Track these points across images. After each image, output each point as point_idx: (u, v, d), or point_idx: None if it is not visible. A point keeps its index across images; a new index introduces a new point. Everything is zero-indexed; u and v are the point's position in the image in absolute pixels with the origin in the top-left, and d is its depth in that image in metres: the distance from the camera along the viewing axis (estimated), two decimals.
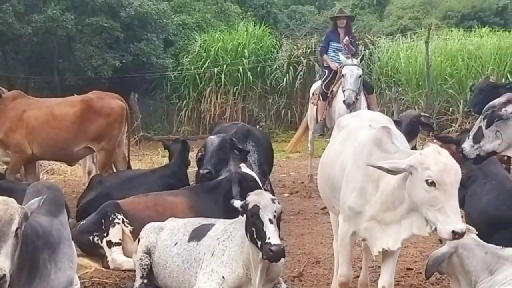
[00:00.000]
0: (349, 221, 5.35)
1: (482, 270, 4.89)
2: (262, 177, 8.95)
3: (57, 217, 5.00)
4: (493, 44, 22.31)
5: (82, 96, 10.26)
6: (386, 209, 5.02)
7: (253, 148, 9.11)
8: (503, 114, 6.20)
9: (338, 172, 5.58)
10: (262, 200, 5.38)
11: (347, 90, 11.54)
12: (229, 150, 8.51)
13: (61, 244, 4.92)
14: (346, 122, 6.35)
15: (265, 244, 5.17)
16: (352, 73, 11.62)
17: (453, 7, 37.55)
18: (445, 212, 4.55)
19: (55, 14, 22.54)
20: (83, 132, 9.73)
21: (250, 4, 33.62)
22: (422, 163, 4.64)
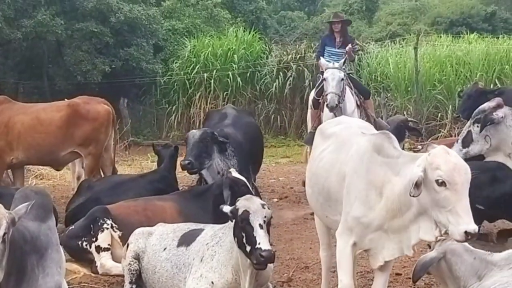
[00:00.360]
0: (351, 232, 5.24)
1: (471, 276, 4.88)
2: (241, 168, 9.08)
3: (45, 222, 4.97)
4: (482, 50, 22.38)
5: (68, 101, 10.27)
6: (393, 216, 4.95)
7: (232, 152, 9.31)
8: (495, 118, 6.25)
9: (336, 183, 5.51)
10: (252, 205, 5.36)
11: (329, 94, 11.06)
12: (211, 143, 8.77)
13: (49, 249, 4.89)
14: (331, 130, 6.27)
15: (255, 249, 5.14)
16: (333, 76, 11.16)
17: (442, 13, 37.70)
18: (456, 213, 4.52)
19: (45, 19, 22.49)
20: (70, 136, 9.71)
21: (239, 9, 33.65)
22: (432, 163, 4.60)
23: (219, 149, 9.02)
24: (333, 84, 11.04)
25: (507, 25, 35.93)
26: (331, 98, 10.90)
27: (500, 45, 23.20)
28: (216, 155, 8.99)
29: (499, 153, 6.23)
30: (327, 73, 11.24)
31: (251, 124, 11.01)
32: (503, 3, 42.54)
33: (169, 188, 8.92)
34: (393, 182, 4.90)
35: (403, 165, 4.92)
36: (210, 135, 8.89)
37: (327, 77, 11.17)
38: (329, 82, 11.12)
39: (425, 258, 5.02)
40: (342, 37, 12.69)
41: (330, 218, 5.76)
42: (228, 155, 9.17)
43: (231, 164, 9.01)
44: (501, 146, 6.35)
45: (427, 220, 4.77)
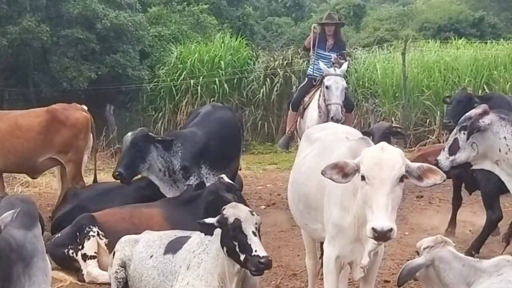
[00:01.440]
0: (333, 242, 5.15)
1: (460, 283, 4.89)
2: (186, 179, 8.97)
3: (31, 230, 4.95)
4: (470, 55, 22.48)
5: (47, 108, 10.23)
6: (364, 223, 4.73)
7: (179, 149, 9.05)
8: (481, 125, 6.25)
9: (315, 190, 5.45)
10: (242, 213, 5.33)
11: (333, 104, 10.20)
12: (146, 144, 8.61)
13: (35, 257, 4.88)
14: (317, 134, 6.21)
15: (252, 257, 5.10)
16: (337, 85, 10.35)
17: (430, 18, 37.87)
18: (371, 209, 4.41)
19: (30, 26, 22.45)
20: (49, 142, 9.72)
21: (226, 15, 33.71)
22: (362, 157, 4.57)
23: (160, 147, 8.82)
24: (337, 93, 10.32)
25: (495, 30, 36.12)
26: (336, 110, 10.15)
27: (488, 51, 23.30)
28: (154, 155, 8.76)
29: (486, 161, 6.22)
30: (329, 81, 10.44)
31: (221, 119, 10.16)
32: (491, 8, 42.77)
33: (156, 195, 8.91)
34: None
35: None
36: (143, 137, 8.68)
37: (330, 86, 10.38)
38: (332, 91, 10.36)
39: (412, 263, 5.03)
40: (333, 40, 12.00)
41: (310, 227, 5.72)
42: (174, 152, 8.95)
43: (174, 161, 8.88)
44: (488, 153, 6.34)
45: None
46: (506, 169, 6.37)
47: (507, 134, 6.27)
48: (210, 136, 9.44)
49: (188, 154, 9.02)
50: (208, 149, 9.32)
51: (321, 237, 5.58)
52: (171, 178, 8.95)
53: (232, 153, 9.88)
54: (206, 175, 9.20)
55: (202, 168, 9.22)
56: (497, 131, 6.31)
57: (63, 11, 23.88)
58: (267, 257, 5.14)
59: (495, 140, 6.32)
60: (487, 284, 4.70)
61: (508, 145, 6.27)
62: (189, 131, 10.02)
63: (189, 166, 8.99)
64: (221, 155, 9.45)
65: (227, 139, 9.66)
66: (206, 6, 31.35)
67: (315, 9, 46.90)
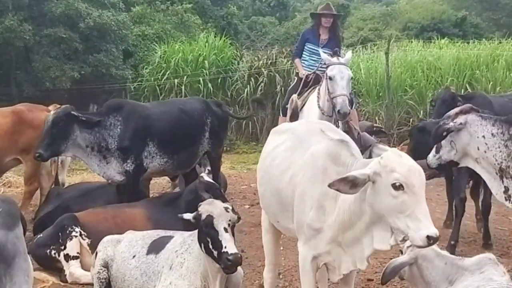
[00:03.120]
0: (309, 244, 5.01)
1: (442, 281, 4.90)
2: (122, 154, 8.74)
3: (12, 231, 4.91)
4: (452, 55, 22.55)
5: (12, 108, 10.14)
6: (345, 229, 4.72)
7: (118, 122, 8.79)
8: (451, 126, 6.32)
9: (288, 186, 5.25)
10: (215, 209, 5.31)
11: (339, 96, 8.91)
12: (69, 123, 8.40)
13: (16, 258, 4.83)
14: (287, 126, 6.06)
15: (221, 253, 5.09)
16: (342, 75, 9.06)
17: (413, 18, 38.09)
18: (416, 217, 4.25)
19: (13, 25, 22.38)
20: (14, 143, 9.62)
21: (210, 15, 33.72)
22: (386, 166, 4.34)
23: (87, 125, 8.54)
24: (342, 83, 9.01)
25: (477, 30, 36.39)
26: (343, 102, 8.89)
27: (470, 50, 23.39)
28: (78, 133, 8.51)
29: (468, 159, 6.27)
30: (333, 70, 9.11)
31: (184, 106, 9.73)
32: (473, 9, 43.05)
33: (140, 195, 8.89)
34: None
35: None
36: (65, 117, 8.46)
37: (334, 76, 9.05)
38: (337, 81, 9.03)
39: (396, 261, 5.03)
40: (329, 34, 10.66)
41: (281, 224, 5.56)
42: (110, 125, 8.70)
43: (108, 137, 8.68)
44: (468, 151, 6.40)
45: (380, 229, 4.53)
46: (486, 167, 6.44)
47: (486, 133, 6.34)
48: (162, 116, 9.18)
49: (129, 131, 8.77)
50: (156, 127, 9.03)
51: (295, 236, 5.43)
52: (101, 154, 8.73)
53: (186, 141, 9.38)
54: (153, 154, 8.97)
55: (149, 145, 8.95)
56: (475, 130, 6.38)
57: (46, 10, 23.81)
58: (236, 254, 5.10)
59: (472, 139, 6.39)
60: (469, 282, 4.70)
61: (487, 143, 6.34)
62: (139, 104, 9.92)
63: (128, 146, 8.76)
64: (172, 139, 9.12)
65: (183, 126, 9.31)
66: (190, 5, 31.36)
67: (299, 8, 47.11)
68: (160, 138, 9.01)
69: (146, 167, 8.91)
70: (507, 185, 6.38)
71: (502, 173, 6.35)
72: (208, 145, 9.59)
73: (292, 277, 7.31)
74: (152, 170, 9.02)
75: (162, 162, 9.02)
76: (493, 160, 6.35)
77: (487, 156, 6.35)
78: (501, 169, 6.34)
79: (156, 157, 8.98)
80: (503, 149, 6.32)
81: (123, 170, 8.74)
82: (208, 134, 9.58)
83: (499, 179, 6.40)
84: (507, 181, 6.36)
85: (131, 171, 8.74)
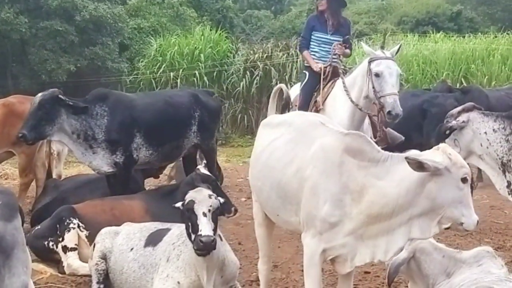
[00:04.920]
0: (320, 237, 4.91)
1: (440, 273, 4.91)
2: (110, 145, 8.64)
3: (10, 222, 4.90)
4: (448, 49, 22.61)
5: (3, 100, 10.10)
6: (376, 221, 4.70)
7: (105, 112, 8.67)
8: (453, 124, 6.35)
9: (293, 179, 5.14)
10: (199, 195, 5.30)
11: (389, 96, 7.94)
12: (54, 107, 8.29)
13: (15, 249, 4.83)
14: (279, 119, 5.91)
15: (197, 236, 5.10)
16: (391, 71, 8.07)
17: (408, 12, 38.07)
18: (468, 205, 4.55)
19: (9, 18, 22.37)
20: (6, 135, 9.59)
21: (206, 8, 33.69)
22: (456, 162, 4.53)
23: (74, 111, 8.42)
24: (392, 81, 8.04)
25: (472, 25, 36.40)
26: (394, 103, 7.91)
27: (466, 44, 23.46)
28: (64, 117, 8.37)
29: (472, 156, 6.29)
30: (379, 66, 8.15)
31: (172, 98, 9.60)
32: (469, 3, 43.01)
33: (136, 187, 8.88)
34: (379, 186, 4.67)
35: (393, 167, 4.71)
36: (52, 99, 8.33)
37: (382, 72, 8.07)
38: (385, 78, 8.05)
39: (398, 259, 5.02)
40: (336, 20, 9.49)
41: (282, 218, 5.46)
42: (97, 115, 8.57)
43: (94, 127, 8.56)
44: (472, 148, 6.44)
45: (426, 219, 4.61)
46: (490, 163, 6.49)
47: (488, 129, 6.41)
48: (147, 108, 9.08)
49: (116, 123, 8.68)
50: (142, 118, 8.94)
51: (295, 229, 5.39)
52: (87, 143, 8.61)
53: (171, 134, 9.25)
54: (140, 146, 8.90)
55: (137, 136, 8.87)
56: (478, 127, 6.43)
57: (42, 3, 23.79)
58: (208, 236, 5.06)
59: (475, 136, 6.44)
60: (467, 274, 4.71)
61: (489, 139, 6.40)
62: (124, 94, 9.84)
63: (116, 139, 8.67)
64: (157, 131, 9.02)
65: (167, 118, 9.17)
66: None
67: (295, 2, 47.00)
68: (145, 130, 8.93)
69: (136, 158, 8.87)
70: (510, 179, 6.42)
71: (504, 168, 6.41)
72: (196, 138, 9.48)
73: (289, 269, 7.33)
74: (139, 162, 8.99)
75: (147, 154, 8.97)
76: (495, 155, 6.41)
77: (490, 152, 6.42)
78: (503, 163, 6.39)
79: (142, 148, 8.94)
80: (504, 144, 6.37)
81: (113, 162, 8.68)
82: (196, 127, 9.45)
83: (502, 173, 6.46)
84: (509, 175, 6.42)
85: (121, 163, 8.70)
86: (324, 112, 8.71)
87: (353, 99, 8.56)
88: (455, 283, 4.73)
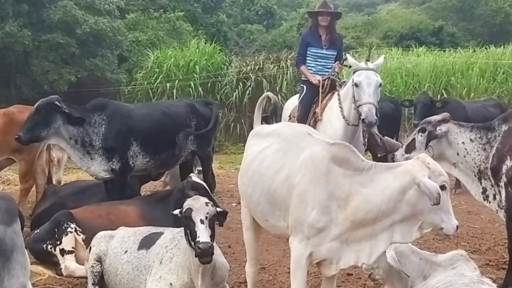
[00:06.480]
0: (307, 241, 4.93)
1: (417, 276, 4.93)
2: (107, 152, 8.63)
3: (10, 226, 4.90)
4: (429, 62, 22.70)
5: (4, 110, 10.12)
6: (360, 226, 4.73)
7: (103, 121, 8.67)
8: (438, 133, 6.40)
9: (282, 186, 5.15)
10: (196, 203, 5.35)
11: (365, 105, 7.91)
12: (50, 113, 8.32)
13: (14, 252, 4.83)
14: (268, 129, 5.91)
15: (195, 242, 5.14)
16: (370, 81, 8.01)
17: (393, 27, 38.24)
18: (448, 211, 4.59)
19: (13, 30, 22.38)
20: (6, 143, 9.58)
21: (201, 22, 33.76)
22: (434, 171, 4.58)
23: (68, 118, 8.38)
24: (369, 91, 7.99)
25: (453, 39, 36.56)
26: (368, 111, 7.89)
27: (446, 58, 23.56)
28: (60, 123, 8.39)
29: (443, 162, 6.29)
30: (360, 76, 8.11)
31: (168, 109, 9.57)
32: (450, 19, 43.27)
33: (132, 193, 8.89)
34: (363, 193, 4.71)
35: (376, 176, 4.75)
36: (48, 106, 8.36)
37: (361, 82, 8.04)
38: (363, 88, 8.02)
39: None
40: (329, 35, 9.49)
41: (270, 223, 5.44)
42: (95, 123, 8.59)
43: (92, 134, 8.57)
44: (445, 156, 6.47)
45: (408, 224, 4.66)
46: (465, 170, 6.52)
47: (465, 139, 6.46)
48: (145, 118, 9.08)
49: (113, 131, 8.69)
50: (139, 128, 8.94)
51: (283, 234, 5.40)
52: (84, 149, 8.62)
53: (167, 143, 9.18)
54: (137, 154, 8.91)
55: (133, 145, 8.88)
56: (455, 137, 6.49)
57: (45, 17, 23.82)
58: (206, 242, 5.11)
59: (451, 146, 6.49)
60: (442, 277, 4.73)
61: (466, 149, 6.45)
62: (122, 104, 9.82)
63: (112, 147, 8.67)
64: (153, 140, 9.01)
65: (164, 128, 9.17)
66: (182, 13, 31.40)
67: (286, 17, 47.12)
68: (142, 138, 8.93)
69: (132, 165, 8.88)
70: (485, 186, 6.45)
71: (481, 175, 6.44)
72: (193, 146, 9.50)
73: (276, 271, 7.33)
74: (136, 168, 8.99)
75: (144, 161, 8.98)
76: (473, 164, 6.44)
77: (467, 160, 6.46)
78: (479, 171, 6.42)
79: (139, 156, 8.95)
80: (482, 152, 6.41)
81: (109, 168, 8.69)
82: (193, 135, 9.50)
83: (478, 180, 6.49)
84: (485, 182, 6.44)
85: (118, 169, 8.70)
86: (321, 123, 8.85)
87: (346, 110, 8.52)
88: (430, 285, 4.76)
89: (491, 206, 6.48)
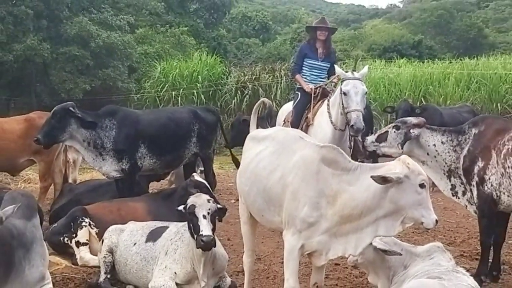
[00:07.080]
0: (299, 234, 4.95)
1: (399, 266, 4.94)
2: (117, 154, 8.65)
3: (30, 220, 4.93)
4: (410, 72, 22.73)
5: (25, 116, 10.16)
6: (347, 221, 4.74)
7: (113, 125, 8.68)
8: (412, 135, 6.43)
9: (277, 185, 5.17)
10: (199, 200, 5.41)
11: (353, 112, 7.94)
12: (65, 117, 8.35)
13: (34, 244, 4.86)
14: (264, 133, 5.89)
15: (198, 236, 5.20)
16: (357, 90, 8.03)
17: (376, 41, 38.26)
18: (427, 207, 4.56)
19: (33, 44, 22.42)
20: (28, 146, 9.59)
21: (203, 36, 33.77)
22: (414, 170, 4.58)
23: (81, 122, 8.40)
24: (357, 99, 8.01)
25: (431, 52, 36.66)
26: (357, 118, 7.91)
27: (425, 69, 23.59)
28: (75, 127, 8.43)
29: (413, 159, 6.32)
30: (347, 86, 8.10)
31: (173, 115, 9.61)
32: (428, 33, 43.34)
33: (140, 190, 8.89)
34: (350, 191, 4.72)
35: (362, 175, 4.76)
36: (62, 111, 8.39)
37: (349, 91, 8.05)
38: (351, 97, 8.03)
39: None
40: (325, 49, 9.47)
41: (266, 218, 5.46)
42: (106, 127, 8.60)
43: (104, 137, 8.58)
44: (414, 155, 6.46)
45: (391, 219, 4.65)
46: (434, 168, 6.54)
47: (437, 142, 6.47)
48: (152, 122, 9.09)
49: (122, 135, 8.70)
50: (146, 132, 8.94)
51: (277, 228, 5.41)
52: (97, 150, 8.64)
53: (172, 145, 9.26)
54: (145, 155, 8.91)
55: (141, 147, 8.89)
56: (427, 140, 6.50)
57: (62, 32, 23.87)
58: (208, 236, 5.18)
59: (421, 147, 6.51)
60: (420, 266, 4.75)
61: (437, 150, 6.46)
62: (132, 110, 9.82)
63: (122, 149, 8.67)
64: (160, 143, 9.05)
65: (169, 132, 9.18)
66: (186, 28, 31.45)
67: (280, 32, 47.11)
68: (149, 141, 8.95)
69: (140, 166, 8.90)
70: (454, 183, 6.46)
71: (451, 173, 6.44)
72: (195, 148, 9.52)
73: (271, 262, 7.32)
74: (144, 169, 9.01)
75: (151, 162, 9.00)
76: (443, 163, 6.45)
77: (437, 160, 6.47)
78: (450, 170, 6.42)
79: (147, 157, 8.97)
80: (452, 154, 6.41)
81: (120, 168, 8.71)
82: (196, 138, 9.49)
83: (447, 178, 6.49)
84: (454, 180, 6.44)
85: (127, 169, 8.72)
86: (313, 127, 8.86)
87: (333, 116, 8.55)
88: (410, 274, 4.77)
89: (460, 201, 6.49)
